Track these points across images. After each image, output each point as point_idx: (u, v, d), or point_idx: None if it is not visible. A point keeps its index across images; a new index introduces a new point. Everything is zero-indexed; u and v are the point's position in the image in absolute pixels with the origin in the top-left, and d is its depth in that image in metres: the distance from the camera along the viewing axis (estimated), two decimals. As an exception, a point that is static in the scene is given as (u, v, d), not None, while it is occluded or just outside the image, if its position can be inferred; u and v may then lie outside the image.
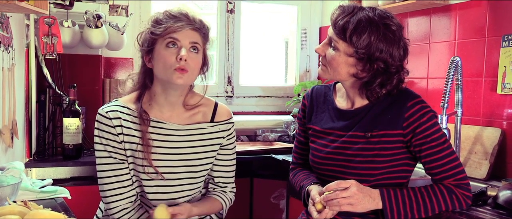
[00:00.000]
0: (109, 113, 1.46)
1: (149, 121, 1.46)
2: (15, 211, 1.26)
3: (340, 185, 1.34)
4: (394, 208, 1.35)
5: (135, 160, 1.46)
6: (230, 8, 3.05)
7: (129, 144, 1.46)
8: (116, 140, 1.45)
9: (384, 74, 1.38)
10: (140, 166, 1.45)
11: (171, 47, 1.41)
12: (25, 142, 2.33)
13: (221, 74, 3.08)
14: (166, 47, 1.41)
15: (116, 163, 1.46)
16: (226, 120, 1.56)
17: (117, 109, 1.47)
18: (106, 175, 1.46)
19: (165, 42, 1.41)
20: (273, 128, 3.00)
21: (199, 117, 1.53)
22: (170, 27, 1.41)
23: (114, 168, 1.45)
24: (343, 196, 1.33)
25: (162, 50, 1.41)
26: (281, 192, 2.63)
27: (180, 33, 1.41)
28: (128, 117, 1.47)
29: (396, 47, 1.38)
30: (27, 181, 1.73)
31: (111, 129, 1.45)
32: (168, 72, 1.41)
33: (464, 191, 1.39)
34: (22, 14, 2.22)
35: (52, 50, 2.37)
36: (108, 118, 1.46)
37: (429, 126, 1.38)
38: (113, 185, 1.45)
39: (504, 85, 1.98)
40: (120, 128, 1.46)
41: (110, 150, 1.45)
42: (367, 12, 1.37)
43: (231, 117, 1.58)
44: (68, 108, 2.36)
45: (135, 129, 1.46)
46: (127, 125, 1.46)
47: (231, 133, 1.57)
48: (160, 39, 1.41)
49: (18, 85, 2.13)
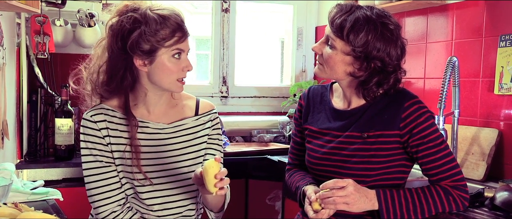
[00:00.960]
0: (93, 116, 1.44)
1: (137, 127, 1.43)
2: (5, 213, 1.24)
3: (337, 184, 1.34)
4: (390, 209, 1.35)
5: (124, 163, 1.44)
6: (225, 8, 3.04)
7: (116, 146, 1.44)
8: (102, 142, 1.43)
9: (381, 74, 1.38)
10: (130, 172, 1.44)
11: (177, 58, 1.39)
12: (16, 142, 2.32)
13: (216, 74, 3.06)
14: (172, 58, 1.38)
15: (102, 166, 1.43)
16: (209, 111, 1.55)
17: (101, 112, 1.45)
18: (93, 179, 1.43)
19: (171, 53, 1.38)
20: (269, 128, 2.99)
21: (184, 111, 1.52)
22: (177, 37, 1.37)
23: (101, 171, 1.43)
24: (339, 195, 1.32)
25: (167, 61, 1.38)
26: (276, 193, 2.61)
27: (184, 43, 1.40)
28: (114, 119, 1.45)
29: (394, 46, 1.37)
30: (18, 183, 1.72)
31: (96, 132, 1.43)
32: (171, 81, 1.40)
33: (461, 192, 1.39)
34: (13, 13, 2.21)
35: (44, 50, 2.35)
36: (93, 121, 1.43)
37: (426, 126, 1.38)
38: (101, 189, 1.43)
39: (501, 85, 1.97)
40: (106, 130, 1.43)
41: (96, 153, 1.43)
42: (364, 11, 1.37)
43: (214, 108, 1.57)
44: (60, 108, 2.35)
45: (121, 130, 1.44)
46: (113, 127, 1.44)
47: (216, 123, 1.56)
48: (164, 48, 1.37)
49: (8, 85, 2.11)
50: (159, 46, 1.36)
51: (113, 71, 1.40)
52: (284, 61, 3.40)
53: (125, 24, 1.36)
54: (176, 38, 1.37)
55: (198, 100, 1.56)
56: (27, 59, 2.39)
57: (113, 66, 1.40)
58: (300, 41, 3.23)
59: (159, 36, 1.35)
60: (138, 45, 1.35)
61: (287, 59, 3.33)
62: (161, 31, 1.35)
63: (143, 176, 1.43)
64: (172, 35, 1.36)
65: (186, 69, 1.40)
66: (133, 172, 1.43)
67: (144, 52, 1.36)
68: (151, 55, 1.37)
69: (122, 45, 1.37)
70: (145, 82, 1.43)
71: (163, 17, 1.36)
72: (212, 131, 1.54)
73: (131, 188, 1.46)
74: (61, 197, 1.75)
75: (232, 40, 3.07)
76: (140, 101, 1.46)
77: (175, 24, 1.37)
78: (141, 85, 1.44)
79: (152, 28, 1.35)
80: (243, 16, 3.18)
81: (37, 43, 2.35)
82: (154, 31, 1.35)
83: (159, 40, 1.35)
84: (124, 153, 1.43)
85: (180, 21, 1.39)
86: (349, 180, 1.34)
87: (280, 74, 3.43)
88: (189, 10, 5.03)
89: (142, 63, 1.38)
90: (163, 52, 1.37)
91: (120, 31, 1.37)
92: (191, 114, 1.53)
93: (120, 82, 1.41)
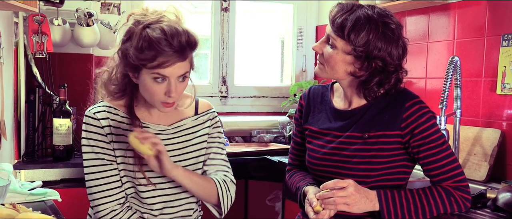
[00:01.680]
0: (97, 113, 1.44)
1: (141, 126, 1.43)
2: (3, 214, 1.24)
3: (337, 184, 1.33)
4: (392, 209, 1.35)
5: (126, 162, 1.44)
6: (225, 7, 3.02)
7: (118, 144, 1.44)
8: (105, 140, 1.43)
9: (382, 73, 1.37)
10: (131, 171, 1.44)
11: (159, 81, 1.34)
12: (13, 143, 2.30)
13: (215, 74, 3.05)
14: (154, 80, 1.34)
15: (104, 164, 1.43)
16: (207, 110, 1.55)
17: (104, 109, 1.45)
18: (94, 177, 1.43)
19: (152, 76, 1.33)
20: (269, 128, 2.99)
21: (184, 111, 1.51)
22: (158, 63, 1.29)
23: (102, 169, 1.43)
24: (339, 195, 1.32)
25: (148, 82, 1.34)
26: (276, 194, 2.61)
27: (168, 69, 1.31)
28: (117, 117, 1.45)
29: (395, 46, 1.37)
30: (15, 183, 1.72)
31: (99, 129, 1.43)
32: (155, 102, 1.38)
33: (463, 193, 1.38)
34: (11, 12, 2.20)
35: (42, 49, 2.34)
36: (96, 118, 1.43)
37: (427, 127, 1.37)
38: (102, 187, 1.42)
39: (503, 85, 1.96)
40: (109, 128, 1.44)
41: (98, 151, 1.43)
42: (366, 10, 1.36)
43: (212, 107, 1.57)
44: (58, 108, 2.34)
45: (123, 129, 1.44)
46: (116, 125, 1.44)
47: (215, 121, 1.55)
48: (145, 69, 1.33)
49: (6, 84, 2.11)
50: (139, 66, 1.33)
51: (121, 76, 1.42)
52: (284, 61, 3.39)
53: (125, 33, 1.37)
54: (156, 62, 1.30)
55: (197, 100, 1.55)
56: (25, 58, 2.38)
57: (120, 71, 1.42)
58: (300, 40, 3.22)
59: (142, 56, 1.31)
60: (127, 58, 1.34)
61: (287, 59, 3.32)
62: (146, 51, 1.30)
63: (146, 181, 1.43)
64: (153, 59, 1.30)
65: (168, 94, 1.35)
66: (134, 170, 1.43)
67: (132, 67, 1.35)
68: (137, 71, 1.35)
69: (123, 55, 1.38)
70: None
71: (150, 38, 1.29)
72: (212, 129, 1.54)
73: (132, 187, 1.45)
74: (59, 198, 1.75)
75: (231, 39, 3.06)
76: (141, 102, 1.46)
77: (160, 49, 1.29)
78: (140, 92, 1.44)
79: (138, 46, 1.31)
80: (243, 15, 3.17)
81: (35, 42, 2.34)
82: (139, 50, 1.31)
83: (140, 61, 1.31)
84: (126, 152, 1.42)
85: (169, 46, 1.29)
86: (350, 181, 1.34)
87: (280, 74, 3.42)
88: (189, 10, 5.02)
89: (132, 76, 1.38)
90: (145, 73, 1.34)
91: (122, 40, 1.38)
92: (190, 114, 1.52)
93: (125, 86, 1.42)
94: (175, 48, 1.30)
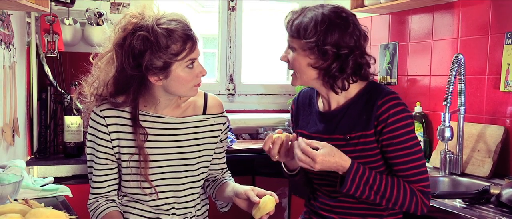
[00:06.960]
0: (103, 111, 1.45)
1: (146, 135, 1.43)
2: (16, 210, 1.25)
3: (311, 144, 1.31)
4: (357, 180, 1.32)
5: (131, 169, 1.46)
6: (232, 6, 3.05)
7: (124, 141, 1.45)
8: (106, 138, 1.44)
9: (339, 58, 1.36)
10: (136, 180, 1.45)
11: (191, 67, 1.39)
12: (26, 140, 2.33)
13: (222, 72, 3.08)
14: (186, 69, 1.38)
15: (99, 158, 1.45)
16: (220, 113, 1.56)
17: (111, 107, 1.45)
18: (90, 171, 1.49)
19: (185, 65, 1.37)
20: (275, 126, 2.99)
21: (191, 109, 1.53)
22: (189, 48, 1.35)
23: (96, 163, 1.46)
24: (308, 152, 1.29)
25: (181, 73, 1.37)
26: (283, 190, 2.62)
27: (196, 51, 1.38)
28: (125, 121, 1.45)
29: (344, 31, 1.35)
30: (28, 179, 1.73)
31: (102, 127, 1.44)
32: (187, 89, 1.41)
33: (425, 198, 1.36)
34: (23, 12, 2.22)
35: (53, 48, 2.37)
36: (102, 116, 1.44)
37: (397, 127, 1.34)
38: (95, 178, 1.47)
39: (507, 82, 1.97)
40: (114, 126, 1.44)
41: (97, 147, 1.45)
42: (315, 8, 1.38)
43: (224, 109, 1.58)
44: (69, 106, 2.36)
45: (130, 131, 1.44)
46: (123, 129, 1.45)
47: (227, 126, 1.59)
48: (177, 62, 1.36)
49: (19, 83, 2.13)
50: (172, 62, 1.35)
51: (125, 85, 1.39)
52: (290, 59, 3.39)
53: (134, 44, 1.32)
54: (187, 50, 1.35)
55: (206, 95, 1.56)
56: (37, 58, 2.40)
57: (125, 80, 1.38)
58: (306, 39, 3.22)
59: (170, 52, 1.33)
60: (152, 64, 1.34)
61: (294, 57, 3.32)
62: (172, 46, 1.33)
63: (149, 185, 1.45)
64: (183, 48, 1.35)
65: (201, 75, 1.40)
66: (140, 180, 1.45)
67: (158, 69, 1.35)
68: (166, 71, 1.36)
69: (135, 64, 1.34)
70: (158, 93, 1.43)
71: (171, 31, 1.33)
72: (223, 134, 1.57)
73: (137, 187, 1.47)
74: (70, 194, 1.76)
75: (238, 38, 3.07)
76: (150, 102, 1.46)
77: (184, 35, 1.35)
78: (153, 94, 1.43)
79: (162, 45, 1.32)
80: (249, 14, 3.18)
81: (46, 42, 2.37)
82: (164, 48, 1.33)
83: (171, 56, 1.34)
84: (132, 156, 1.44)
85: (188, 30, 1.36)
86: (326, 143, 1.32)
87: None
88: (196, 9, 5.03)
89: (157, 79, 1.37)
90: (177, 66, 1.36)
91: (131, 52, 1.33)
92: (199, 111, 1.53)
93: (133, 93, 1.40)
94: (189, 29, 1.37)
